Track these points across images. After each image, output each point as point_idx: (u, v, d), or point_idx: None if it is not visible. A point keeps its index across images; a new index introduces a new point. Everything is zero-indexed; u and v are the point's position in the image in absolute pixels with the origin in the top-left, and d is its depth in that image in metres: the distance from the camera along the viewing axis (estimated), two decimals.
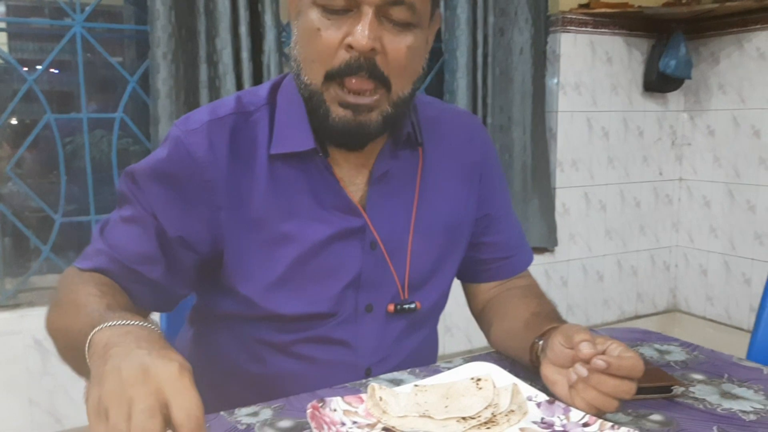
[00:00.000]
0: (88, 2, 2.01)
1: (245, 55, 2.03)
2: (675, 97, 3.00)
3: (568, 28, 2.66)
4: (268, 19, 2.06)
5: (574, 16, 2.67)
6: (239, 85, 2.04)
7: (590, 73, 2.75)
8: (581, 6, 2.68)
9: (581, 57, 2.72)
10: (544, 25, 2.59)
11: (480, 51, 2.43)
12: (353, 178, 0.89)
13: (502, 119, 2.53)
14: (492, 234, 1.02)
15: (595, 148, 2.82)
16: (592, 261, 2.90)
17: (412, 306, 0.94)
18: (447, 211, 0.96)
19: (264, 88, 0.91)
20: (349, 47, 0.77)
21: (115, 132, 2.09)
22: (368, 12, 0.76)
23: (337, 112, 0.80)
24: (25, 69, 1.99)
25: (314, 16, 0.79)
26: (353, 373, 0.90)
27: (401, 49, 0.80)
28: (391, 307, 0.92)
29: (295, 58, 0.84)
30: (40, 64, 2.03)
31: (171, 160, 0.83)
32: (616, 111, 2.85)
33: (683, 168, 3.08)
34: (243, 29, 2.02)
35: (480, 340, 1.04)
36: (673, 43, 2.73)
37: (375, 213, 0.89)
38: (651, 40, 2.85)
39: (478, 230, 1.01)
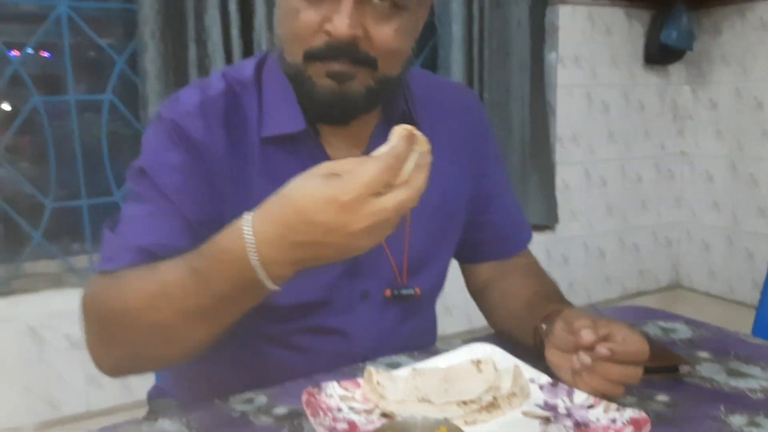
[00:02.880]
0: None
1: (235, 32, 1.99)
2: (676, 70, 2.95)
3: (567, 0, 2.61)
4: None
5: None
6: (229, 63, 1.99)
7: (589, 46, 2.70)
8: None
9: (580, 29, 2.67)
10: None
11: (476, 24, 2.38)
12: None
13: (500, 94, 2.48)
14: (489, 213, 0.99)
15: (596, 123, 2.78)
16: (593, 238, 2.88)
17: (411, 292, 0.90)
18: (442, 190, 0.92)
19: (249, 66, 0.87)
20: (327, 32, 0.74)
21: (104, 113, 2.05)
22: None
23: (321, 83, 0.76)
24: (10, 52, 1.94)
25: None
26: (349, 362, 0.87)
27: (387, 34, 0.75)
28: (388, 293, 0.89)
29: (278, 36, 0.81)
30: (25, 47, 1.98)
31: (174, 146, 0.80)
32: (616, 84, 2.81)
33: (685, 142, 3.04)
34: (232, 6, 1.98)
35: (480, 320, 1.01)
36: (674, 14, 2.68)
37: None
38: (651, 11, 2.80)
39: (475, 209, 0.98)
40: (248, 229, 0.63)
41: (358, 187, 0.59)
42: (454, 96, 0.97)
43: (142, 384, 2.10)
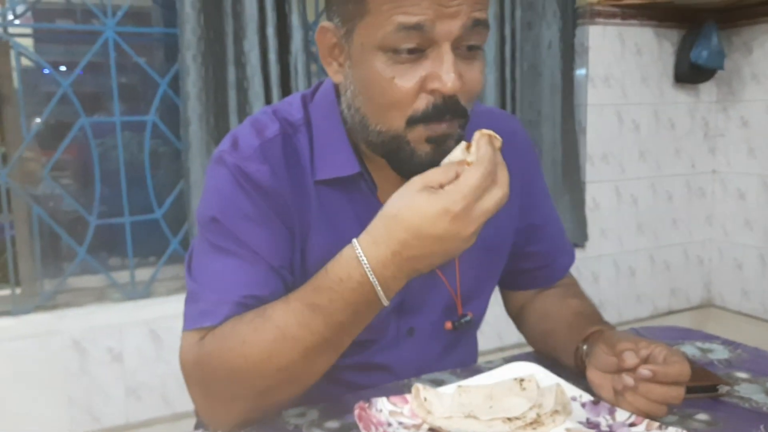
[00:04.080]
0: (118, 3, 2.03)
1: (272, 56, 2.04)
2: (707, 88, 2.95)
3: (597, 20, 2.63)
4: (294, 20, 2.06)
5: (602, 8, 2.63)
6: (267, 86, 2.05)
7: (620, 66, 2.71)
8: None
9: (610, 49, 2.68)
10: (572, 17, 2.56)
11: (508, 46, 2.41)
12: None
13: (532, 114, 2.51)
14: (534, 243, 1.00)
15: (626, 142, 2.79)
16: (623, 256, 2.87)
17: (468, 319, 0.93)
18: (491, 223, 0.92)
19: (296, 104, 0.87)
20: (434, 91, 0.72)
21: (147, 134, 2.11)
22: (447, 49, 0.71)
23: (423, 149, 0.76)
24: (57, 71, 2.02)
25: (381, 63, 0.72)
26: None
27: (477, 77, 0.75)
28: (449, 325, 0.92)
29: (356, 109, 0.79)
30: (66, 66, 2.05)
31: (244, 193, 0.80)
32: (646, 103, 2.81)
33: (717, 160, 3.03)
34: (270, 30, 2.03)
35: (511, 338, 1.03)
36: (704, 33, 2.68)
37: None
38: (681, 30, 2.80)
39: (521, 240, 0.99)
40: (362, 255, 0.68)
41: (466, 195, 0.65)
42: (501, 126, 0.94)
43: (180, 397, 2.14)
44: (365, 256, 0.68)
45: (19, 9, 2.00)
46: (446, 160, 0.70)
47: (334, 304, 0.69)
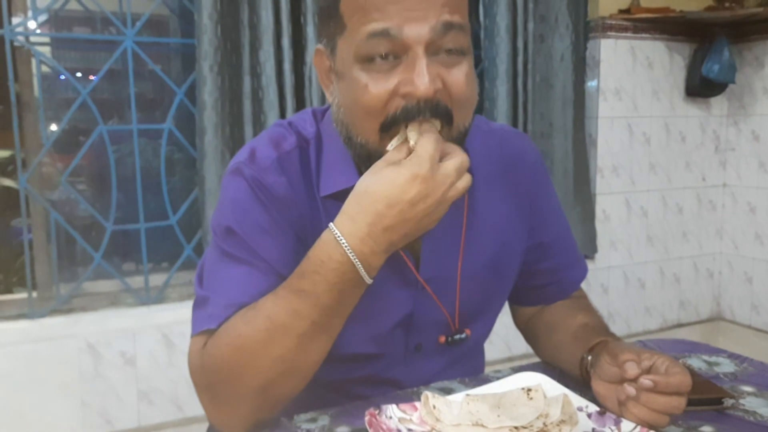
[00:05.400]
0: (136, 12, 2.07)
1: (287, 66, 2.07)
2: (718, 102, 2.96)
3: (609, 33, 2.65)
4: (309, 32, 2.10)
5: (614, 22, 2.65)
6: (281, 96, 2.08)
7: (631, 79, 2.73)
8: (621, 11, 2.66)
9: (622, 62, 2.70)
10: (584, 31, 2.58)
11: (520, 58, 2.43)
12: None
13: (543, 126, 2.53)
14: (544, 260, 1.00)
15: (636, 154, 2.80)
16: (633, 268, 2.87)
17: (462, 336, 0.93)
18: (496, 243, 0.93)
19: (309, 120, 0.89)
20: (407, 95, 0.73)
21: (163, 142, 2.14)
22: (419, 52, 0.71)
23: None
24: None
25: (357, 72, 0.74)
26: None
27: (461, 79, 0.75)
28: (442, 339, 0.93)
29: (341, 122, 0.80)
30: (84, 73, 2.08)
31: (261, 205, 0.81)
32: (657, 116, 2.82)
33: (727, 174, 3.03)
34: (285, 41, 2.06)
35: (519, 348, 1.04)
36: (716, 47, 2.69)
37: (425, 251, 0.88)
38: (693, 44, 2.82)
39: (531, 258, 0.99)
40: (339, 234, 0.71)
41: (428, 158, 0.70)
42: (508, 144, 0.97)
43: (191, 401, 2.17)
44: (342, 234, 0.71)
45: (41, 18, 2.04)
46: (391, 144, 0.76)
47: (319, 287, 0.72)
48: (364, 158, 0.78)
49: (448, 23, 0.72)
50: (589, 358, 0.84)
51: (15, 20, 1.94)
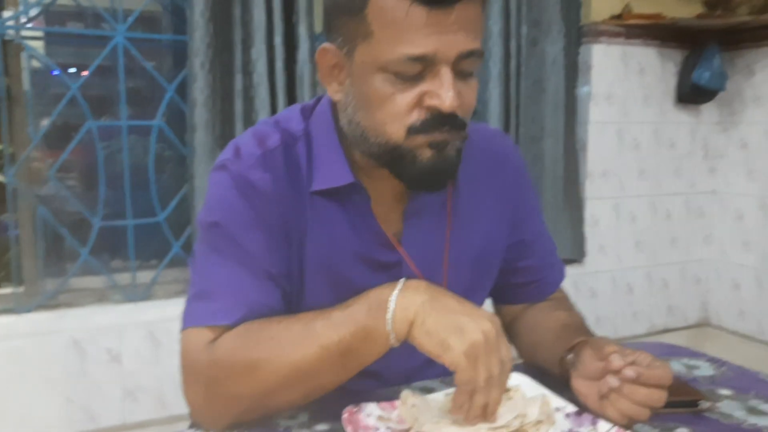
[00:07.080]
0: (128, 8, 2.06)
1: (279, 65, 2.07)
2: (708, 109, 2.97)
3: (601, 39, 2.66)
4: (302, 31, 2.10)
5: (606, 27, 2.66)
6: (273, 94, 2.08)
7: (622, 84, 2.74)
8: (613, 17, 2.67)
9: (613, 68, 2.71)
10: (577, 35, 2.59)
11: (513, 61, 2.44)
12: (388, 214, 0.89)
13: (535, 130, 2.54)
14: (525, 258, 1.02)
15: (626, 160, 2.81)
16: (621, 273, 2.89)
17: None
18: (479, 241, 0.95)
19: (296, 116, 0.90)
20: (432, 108, 0.76)
21: (152, 139, 2.14)
22: (447, 72, 0.75)
23: (424, 154, 0.78)
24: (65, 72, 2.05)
25: (382, 81, 0.76)
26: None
27: (472, 96, 0.80)
28: None
29: (355, 123, 0.82)
30: (75, 68, 2.07)
31: (246, 201, 0.82)
32: (648, 122, 2.84)
33: (716, 181, 3.05)
34: (278, 40, 2.06)
35: None
36: (707, 54, 2.71)
37: (410, 248, 0.90)
38: (684, 51, 2.83)
39: (511, 256, 1.01)
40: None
41: None
42: (490, 144, 1.00)
43: (176, 399, 2.16)
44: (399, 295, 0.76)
45: (32, 12, 2.03)
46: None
47: (356, 308, 0.76)
48: (387, 153, 0.80)
49: (474, 50, 0.76)
50: (570, 356, 0.84)
51: (6, 14, 1.94)
